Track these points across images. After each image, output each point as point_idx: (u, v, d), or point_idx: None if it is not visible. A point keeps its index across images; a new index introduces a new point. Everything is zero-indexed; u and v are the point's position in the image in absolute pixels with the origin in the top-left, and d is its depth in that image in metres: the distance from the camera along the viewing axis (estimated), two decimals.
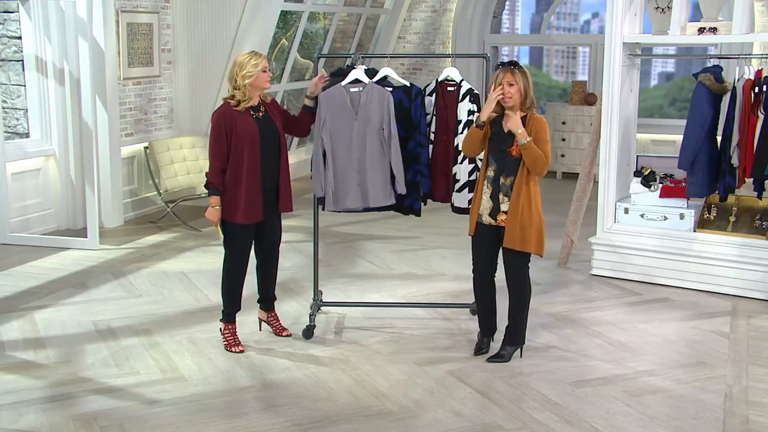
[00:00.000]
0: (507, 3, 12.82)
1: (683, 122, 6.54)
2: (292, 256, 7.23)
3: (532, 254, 4.94)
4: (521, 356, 5.06)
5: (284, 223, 5.38)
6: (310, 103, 5.24)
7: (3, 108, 7.99)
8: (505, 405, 4.45)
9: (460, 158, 5.31)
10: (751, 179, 6.26)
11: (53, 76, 8.01)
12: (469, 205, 5.29)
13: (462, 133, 5.28)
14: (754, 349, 5.30)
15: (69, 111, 8.03)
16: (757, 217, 6.54)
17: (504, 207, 4.83)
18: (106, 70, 8.01)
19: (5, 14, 8.05)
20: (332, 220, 8.16)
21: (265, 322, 5.47)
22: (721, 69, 6.44)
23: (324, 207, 5.31)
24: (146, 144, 8.64)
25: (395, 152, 5.15)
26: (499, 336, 5.15)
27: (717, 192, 6.47)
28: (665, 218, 6.68)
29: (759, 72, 6.18)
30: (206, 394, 4.55)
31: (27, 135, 8.15)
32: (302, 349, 5.20)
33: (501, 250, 4.95)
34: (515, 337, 5.04)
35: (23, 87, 8.10)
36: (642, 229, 6.72)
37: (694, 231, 6.59)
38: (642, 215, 6.76)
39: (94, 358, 5.03)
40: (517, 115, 4.74)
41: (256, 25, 8.96)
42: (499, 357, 5.01)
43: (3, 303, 6.04)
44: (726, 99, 6.33)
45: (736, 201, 6.67)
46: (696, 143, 6.31)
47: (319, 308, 5.71)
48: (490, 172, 4.88)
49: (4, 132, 7.75)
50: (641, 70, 7.17)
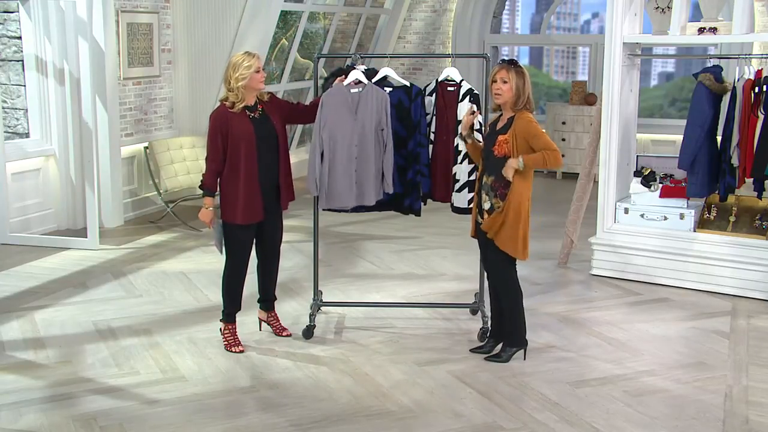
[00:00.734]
0: (507, 3, 12.82)
1: (683, 122, 6.54)
2: (292, 256, 7.23)
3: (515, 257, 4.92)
4: (525, 358, 5.05)
5: (285, 223, 5.38)
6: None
7: (3, 108, 7.99)
8: (505, 405, 4.45)
9: (459, 158, 5.31)
10: (751, 179, 6.26)
11: (53, 76, 8.01)
12: (469, 205, 5.29)
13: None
14: (754, 349, 5.30)
15: (69, 111, 8.03)
16: (757, 217, 6.54)
17: (486, 206, 4.84)
18: (106, 70, 8.01)
19: (5, 14, 8.05)
20: (332, 220, 8.16)
21: (265, 322, 5.47)
22: (721, 69, 6.44)
23: (319, 205, 5.32)
24: (146, 144, 8.64)
25: (389, 153, 5.17)
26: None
27: (717, 192, 6.47)
28: (665, 218, 6.68)
29: (759, 72, 6.18)
30: (206, 394, 4.55)
31: (27, 135, 8.15)
32: (302, 349, 5.20)
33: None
34: (511, 338, 5.03)
35: (23, 87, 8.10)
36: (642, 229, 6.72)
37: (694, 231, 6.59)
38: (642, 215, 6.76)
39: (94, 358, 5.03)
40: (509, 165, 4.69)
41: (256, 25, 8.96)
42: (497, 357, 5.01)
43: (3, 303, 6.04)
44: (726, 99, 6.33)
45: (736, 201, 6.67)
46: (696, 143, 6.31)
47: (319, 308, 5.71)
48: (480, 172, 4.92)
49: (4, 132, 7.75)
50: (641, 70, 7.17)
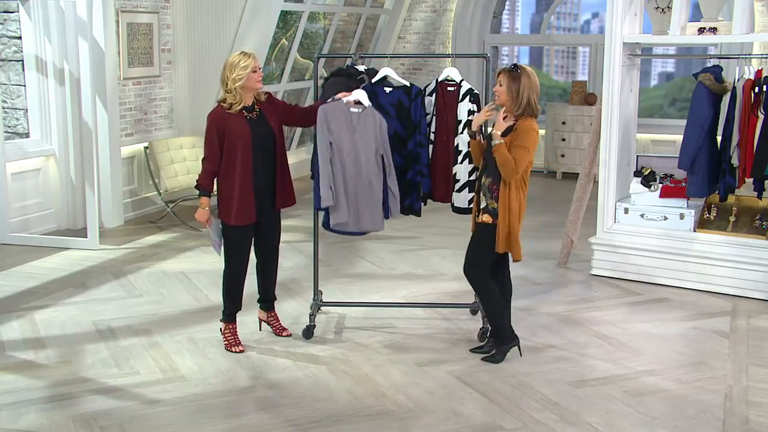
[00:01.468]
0: (507, 3, 12.82)
1: (683, 122, 6.54)
2: (292, 256, 7.23)
3: (508, 256, 4.95)
4: (521, 355, 5.05)
5: (284, 223, 5.38)
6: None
7: (3, 108, 7.99)
8: (505, 405, 4.45)
9: (460, 158, 5.31)
10: (751, 179, 6.26)
11: (53, 76, 8.01)
12: (469, 205, 5.30)
13: (462, 133, 5.29)
14: (754, 349, 5.30)
15: (69, 111, 8.03)
16: (757, 217, 6.54)
17: (482, 205, 4.87)
18: (106, 70, 8.01)
19: (5, 14, 8.05)
20: None
21: (265, 322, 5.47)
22: (721, 69, 6.44)
23: (324, 223, 5.25)
24: (146, 144, 8.64)
25: (393, 178, 5.13)
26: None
27: (717, 192, 6.47)
28: (665, 218, 6.68)
29: (759, 72, 6.18)
30: (206, 394, 4.55)
31: (27, 135, 8.15)
32: (302, 349, 5.20)
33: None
34: (498, 337, 5.03)
35: (23, 87, 8.10)
36: (642, 229, 6.72)
37: (694, 231, 6.59)
38: (642, 215, 6.76)
39: (94, 358, 5.03)
40: (501, 120, 4.73)
41: (256, 25, 8.96)
42: (492, 358, 5.01)
43: (3, 303, 6.04)
44: (726, 99, 6.33)
45: (736, 201, 6.67)
46: (696, 143, 6.31)
47: (319, 308, 5.71)
48: (480, 172, 4.94)
49: (4, 132, 7.75)
50: (641, 70, 7.17)
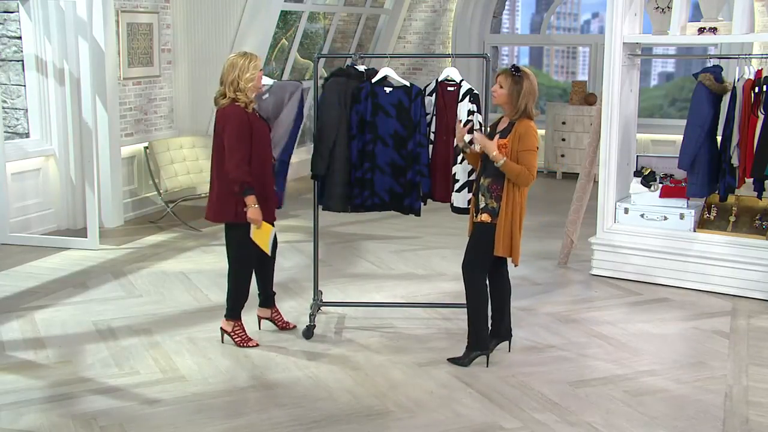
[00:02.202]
0: (507, 3, 12.82)
1: (683, 122, 6.54)
2: (292, 256, 7.23)
3: (508, 259, 4.95)
4: (487, 365, 4.93)
5: (284, 223, 5.39)
6: None
7: (3, 108, 7.99)
8: (505, 405, 4.45)
9: (459, 158, 5.31)
10: (751, 179, 6.26)
11: (53, 76, 8.01)
12: (468, 205, 5.29)
13: None
14: (754, 349, 5.30)
15: (69, 111, 8.03)
16: (757, 217, 6.54)
17: (481, 205, 4.87)
18: (106, 70, 8.01)
19: (5, 14, 8.05)
20: (332, 220, 8.15)
21: (268, 319, 5.49)
22: (721, 69, 6.44)
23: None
24: (146, 144, 8.64)
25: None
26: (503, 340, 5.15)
27: (717, 192, 6.47)
28: (665, 218, 6.68)
29: (759, 72, 6.18)
30: (206, 394, 4.55)
31: (27, 135, 8.15)
32: (302, 349, 5.20)
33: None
34: (470, 340, 4.97)
35: (23, 87, 8.10)
36: (642, 229, 6.72)
37: (694, 231, 6.59)
38: (642, 215, 6.76)
39: (94, 358, 5.03)
40: (494, 142, 4.71)
41: (256, 25, 8.96)
42: (458, 360, 4.96)
43: (3, 303, 6.04)
44: (726, 99, 6.33)
45: (736, 201, 6.67)
46: (696, 143, 6.31)
47: (319, 308, 5.71)
48: (478, 173, 4.94)
49: (4, 132, 7.75)
50: (641, 70, 7.17)
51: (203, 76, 9.16)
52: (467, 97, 5.30)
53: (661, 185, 6.82)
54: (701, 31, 6.44)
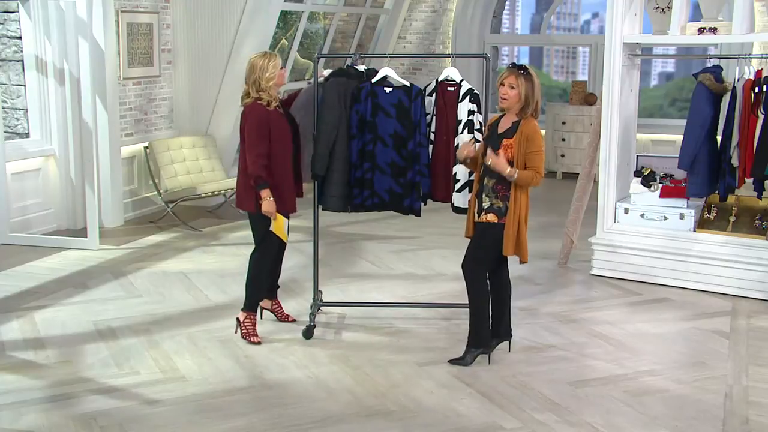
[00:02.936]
0: (507, 3, 12.82)
1: (683, 122, 6.54)
2: (292, 256, 7.22)
3: (511, 257, 4.95)
4: (489, 362, 4.96)
5: None
6: None
7: (3, 108, 7.99)
8: (505, 405, 4.45)
9: None
10: (751, 179, 6.26)
11: (53, 76, 8.01)
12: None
13: (462, 133, 5.28)
14: (754, 349, 5.30)
15: (69, 111, 8.02)
16: (757, 217, 6.54)
17: (485, 205, 4.86)
18: (106, 70, 8.00)
19: (5, 14, 8.05)
20: (332, 220, 8.15)
21: (268, 310, 5.60)
22: (721, 69, 6.44)
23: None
24: (146, 144, 8.64)
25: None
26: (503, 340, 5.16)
27: (717, 192, 6.47)
28: (665, 218, 6.68)
29: (759, 72, 6.18)
30: (206, 394, 4.55)
31: (27, 135, 8.15)
32: (302, 349, 5.20)
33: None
34: (471, 339, 4.99)
35: (23, 87, 8.10)
36: (642, 229, 6.72)
37: (694, 231, 6.59)
38: (642, 215, 6.76)
39: (94, 358, 5.03)
40: (502, 157, 4.70)
41: (256, 25, 8.96)
42: (460, 360, 4.97)
43: (3, 303, 6.04)
44: (726, 99, 6.33)
45: (736, 201, 6.67)
46: (696, 143, 6.31)
47: (319, 308, 5.71)
48: (480, 174, 4.92)
49: (4, 132, 7.75)
50: (641, 70, 7.17)
51: (203, 76, 9.16)
52: (467, 97, 5.30)
53: (661, 185, 6.82)
54: (701, 31, 6.44)
